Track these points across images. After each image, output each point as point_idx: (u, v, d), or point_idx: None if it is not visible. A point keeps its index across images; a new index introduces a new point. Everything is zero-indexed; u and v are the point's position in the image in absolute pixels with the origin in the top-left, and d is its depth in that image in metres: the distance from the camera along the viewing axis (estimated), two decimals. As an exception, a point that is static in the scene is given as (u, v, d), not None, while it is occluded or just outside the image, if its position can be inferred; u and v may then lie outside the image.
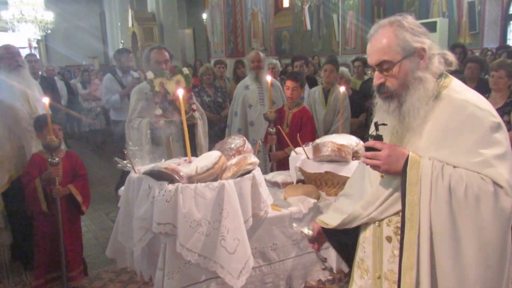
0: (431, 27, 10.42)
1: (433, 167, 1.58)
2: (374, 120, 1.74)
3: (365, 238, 1.86)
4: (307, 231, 2.05)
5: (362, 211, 1.82)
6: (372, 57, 1.69)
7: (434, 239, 1.58)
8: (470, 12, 11.10)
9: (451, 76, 1.73)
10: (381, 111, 1.74)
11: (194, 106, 3.99)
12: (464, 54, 6.78)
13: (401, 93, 1.66)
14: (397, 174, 1.66)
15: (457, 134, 1.59)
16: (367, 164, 1.71)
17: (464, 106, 1.61)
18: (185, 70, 4.00)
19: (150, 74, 3.83)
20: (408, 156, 1.62)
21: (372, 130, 1.71)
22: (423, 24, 1.75)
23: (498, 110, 1.70)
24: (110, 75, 6.10)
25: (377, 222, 1.79)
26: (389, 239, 1.76)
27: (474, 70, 5.26)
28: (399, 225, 1.69)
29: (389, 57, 1.64)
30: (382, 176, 1.77)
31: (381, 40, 1.66)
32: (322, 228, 2.02)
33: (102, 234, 5.03)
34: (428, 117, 1.65)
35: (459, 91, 1.68)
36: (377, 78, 1.70)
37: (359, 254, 1.92)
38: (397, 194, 1.70)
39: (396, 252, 1.70)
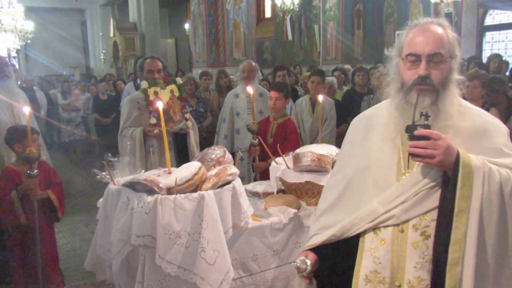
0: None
1: (483, 163, 1.59)
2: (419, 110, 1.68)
3: (377, 248, 1.74)
4: (304, 265, 1.78)
5: (379, 207, 1.71)
6: (426, 47, 1.67)
7: (481, 235, 1.58)
8: (448, 23, 11.34)
9: None
10: (405, 105, 1.71)
11: (187, 115, 4.02)
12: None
13: (439, 89, 1.68)
14: (446, 168, 1.61)
15: (485, 137, 1.69)
16: (413, 154, 1.59)
17: (480, 113, 1.75)
18: (179, 80, 4.03)
19: (144, 84, 3.84)
20: (458, 150, 1.60)
21: (417, 120, 1.61)
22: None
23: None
24: (132, 83, 6.15)
25: (400, 227, 1.70)
26: (415, 245, 1.68)
27: None
28: (427, 229, 1.65)
29: (444, 52, 1.67)
30: (405, 174, 1.72)
31: (438, 33, 1.69)
32: (315, 252, 1.84)
33: (81, 245, 4.94)
34: (453, 119, 1.69)
35: (465, 102, 1.79)
36: (423, 69, 1.67)
37: (368, 266, 1.75)
38: (424, 193, 1.66)
39: (426, 258, 1.66)
